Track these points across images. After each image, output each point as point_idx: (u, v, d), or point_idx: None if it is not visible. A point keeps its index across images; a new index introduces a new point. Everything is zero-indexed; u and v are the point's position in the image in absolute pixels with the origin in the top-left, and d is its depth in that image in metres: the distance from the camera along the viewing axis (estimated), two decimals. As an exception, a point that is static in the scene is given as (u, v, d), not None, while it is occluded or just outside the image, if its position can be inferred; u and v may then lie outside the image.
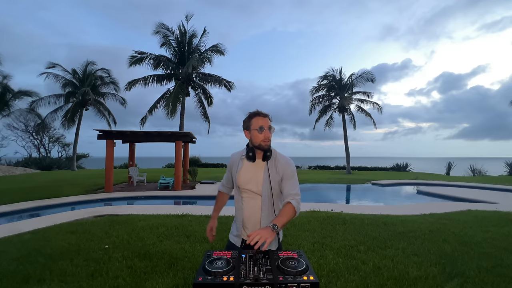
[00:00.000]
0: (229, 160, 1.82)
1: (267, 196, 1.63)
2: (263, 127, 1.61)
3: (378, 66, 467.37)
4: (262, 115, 1.65)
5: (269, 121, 1.66)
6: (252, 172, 1.67)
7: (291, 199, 1.57)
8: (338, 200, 10.68)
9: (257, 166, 1.67)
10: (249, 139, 1.69)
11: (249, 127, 1.67)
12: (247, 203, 1.69)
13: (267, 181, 1.62)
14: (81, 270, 3.12)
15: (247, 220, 1.69)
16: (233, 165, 1.76)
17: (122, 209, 7.11)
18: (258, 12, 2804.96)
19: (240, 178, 1.68)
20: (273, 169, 1.65)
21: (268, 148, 1.63)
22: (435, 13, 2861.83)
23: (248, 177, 1.66)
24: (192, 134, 12.69)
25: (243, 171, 1.69)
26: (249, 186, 1.66)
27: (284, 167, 1.65)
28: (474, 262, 3.31)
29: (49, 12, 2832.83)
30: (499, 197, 9.17)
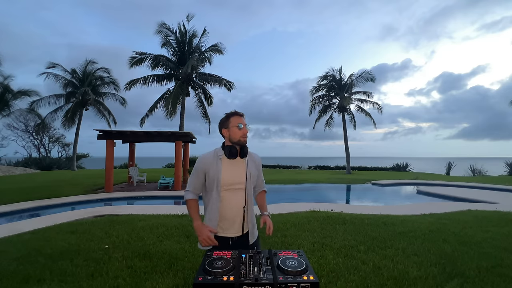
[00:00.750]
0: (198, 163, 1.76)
1: (250, 189, 1.79)
2: (241, 124, 1.75)
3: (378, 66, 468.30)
4: (239, 114, 1.79)
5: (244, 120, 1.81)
6: (235, 169, 1.76)
7: (264, 188, 1.99)
8: (338, 200, 10.68)
9: (237, 163, 1.78)
10: (227, 136, 1.79)
11: (227, 125, 1.78)
12: (229, 200, 1.73)
13: (251, 176, 1.78)
14: (81, 270, 3.12)
15: (229, 214, 1.73)
16: (209, 167, 1.72)
17: (122, 209, 7.11)
18: (258, 13, 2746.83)
19: (225, 177, 1.71)
20: (252, 164, 1.83)
21: (245, 144, 1.78)
22: (434, 13, 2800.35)
23: (232, 174, 1.73)
24: (192, 134, 12.69)
25: (226, 169, 1.73)
26: (234, 183, 1.73)
27: (259, 161, 1.91)
28: (474, 262, 3.31)
29: (49, 12, 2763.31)
30: (499, 197, 9.16)
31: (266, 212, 1.84)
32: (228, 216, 1.72)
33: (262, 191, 1.98)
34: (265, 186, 2.00)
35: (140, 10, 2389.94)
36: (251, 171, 1.78)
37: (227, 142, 1.79)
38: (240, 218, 1.74)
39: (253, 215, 1.85)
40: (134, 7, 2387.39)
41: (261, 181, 1.96)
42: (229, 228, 1.74)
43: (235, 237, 1.74)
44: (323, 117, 22.89)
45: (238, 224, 1.74)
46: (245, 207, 1.75)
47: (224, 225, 1.74)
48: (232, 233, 1.74)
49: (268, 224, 1.74)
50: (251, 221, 1.79)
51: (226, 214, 1.72)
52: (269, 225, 1.74)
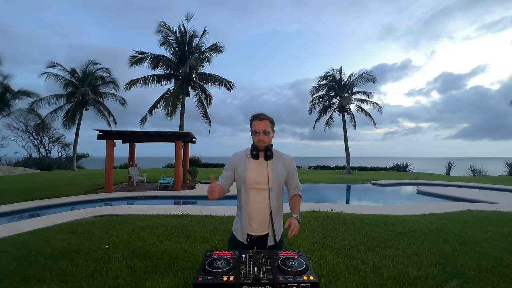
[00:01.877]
0: (231, 159, 1.88)
1: (275, 191, 1.78)
2: (257, 131, 1.76)
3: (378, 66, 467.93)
4: (259, 119, 1.79)
5: (269, 123, 1.79)
6: (260, 169, 1.79)
7: (298, 191, 1.93)
8: (338, 200, 10.68)
9: (262, 164, 1.80)
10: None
11: (250, 127, 1.84)
12: (254, 199, 1.77)
13: (275, 177, 1.77)
14: (81, 270, 3.12)
15: (255, 215, 1.77)
16: (238, 163, 1.83)
17: (122, 209, 7.11)
18: (258, 13, 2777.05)
19: (250, 175, 1.77)
20: (280, 165, 1.82)
21: (264, 149, 1.78)
22: (434, 13, 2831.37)
23: (256, 174, 1.77)
24: (192, 134, 12.69)
25: (251, 168, 1.79)
26: (257, 182, 1.76)
27: (290, 164, 1.87)
28: (474, 262, 3.31)
29: (49, 12, 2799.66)
30: (499, 197, 9.16)
31: (295, 214, 1.78)
32: (252, 214, 1.77)
33: (296, 194, 1.92)
34: (300, 190, 1.94)
35: (140, 10, 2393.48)
36: (277, 172, 1.78)
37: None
38: (262, 218, 1.77)
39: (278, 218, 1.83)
40: (134, 7, 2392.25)
41: (295, 184, 1.92)
42: (251, 226, 1.78)
43: (255, 236, 1.77)
44: (323, 117, 22.92)
45: (259, 224, 1.77)
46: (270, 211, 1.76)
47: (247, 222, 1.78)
48: (253, 232, 1.78)
49: (293, 226, 1.68)
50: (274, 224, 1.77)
51: (251, 212, 1.78)
52: (293, 227, 1.68)
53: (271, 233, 1.77)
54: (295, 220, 1.72)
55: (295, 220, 1.72)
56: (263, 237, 1.78)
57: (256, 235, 1.78)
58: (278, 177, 1.78)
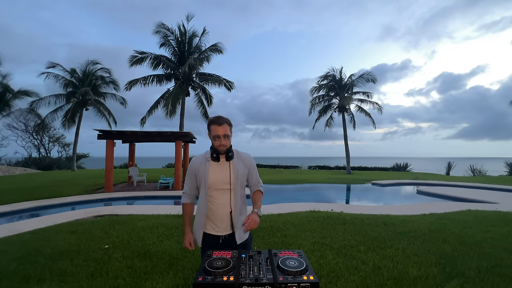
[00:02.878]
0: (190, 165, 1.90)
1: (238, 190, 1.82)
2: (218, 136, 1.78)
3: (377, 66, 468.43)
4: (217, 124, 1.80)
5: (227, 126, 1.81)
6: (221, 170, 1.81)
7: (259, 187, 1.97)
8: (338, 200, 10.68)
9: (223, 165, 1.83)
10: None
11: (209, 131, 1.86)
12: (218, 199, 1.80)
13: (237, 177, 1.80)
14: (81, 270, 3.12)
15: (218, 214, 1.81)
16: (198, 168, 1.84)
17: (122, 209, 7.11)
18: (258, 13, 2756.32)
19: (211, 178, 1.79)
20: (240, 164, 1.86)
21: (226, 151, 1.80)
22: (433, 13, 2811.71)
23: (218, 175, 1.80)
24: (192, 134, 12.69)
25: (212, 171, 1.81)
26: (220, 184, 1.79)
27: (249, 162, 1.91)
28: (474, 262, 3.31)
29: (49, 12, 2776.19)
30: (499, 197, 9.16)
31: (255, 209, 1.83)
32: (216, 216, 1.81)
33: (257, 190, 1.97)
34: (261, 186, 1.99)
35: (141, 11, 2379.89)
36: (239, 171, 1.82)
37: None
38: (228, 218, 1.80)
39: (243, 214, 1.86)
40: (134, 7, 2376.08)
41: (256, 180, 1.97)
42: (218, 227, 1.81)
43: (225, 235, 1.81)
44: (323, 117, 22.91)
45: (226, 223, 1.81)
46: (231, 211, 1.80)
47: (213, 224, 1.82)
48: (221, 232, 1.82)
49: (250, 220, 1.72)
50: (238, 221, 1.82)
51: (214, 214, 1.81)
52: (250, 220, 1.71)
53: (239, 231, 1.81)
54: (253, 214, 1.76)
55: (254, 214, 1.76)
56: (230, 236, 1.81)
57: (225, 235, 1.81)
58: (240, 176, 1.82)
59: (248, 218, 1.73)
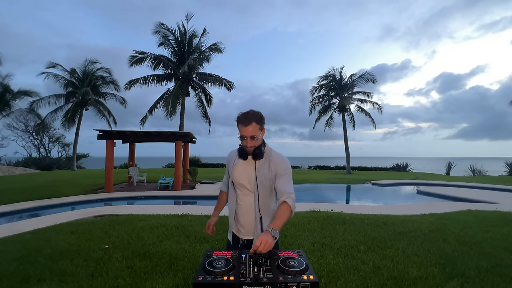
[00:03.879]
0: (227, 158, 1.87)
1: (259, 194, 1.65)
2: (244, 137, 1.62)
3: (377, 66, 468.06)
4: (244, 124, 1.60)
5: (256, 125, 1.60)
6: (245, 169, 1.70)
7: (286, 198, 1.54)
8: (338, 200, 10.68)
9: (250, 164, 1.70)
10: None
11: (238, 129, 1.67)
12: (241, 200, 1.73)
13: (260, 179, 1.64)
14: (81, 270, 3.11)
15: (241, 215, 1.72)
16: (230, 162, 1.81)
17: (122, 209, 7.11)
18: (258, 13, 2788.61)
19: (235, 174, 1.72)
20: (266, 167, 1.66)
21: (253, 150, 1.64)
22: (433, 13, 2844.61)
23: (241, 173, 1.71)
24: (192, 134, 12.69)
25: (237, 167, 1.73)
26: (242, 181, 1.69)
27: (276, 165, 1.66)
28: (474, 262, 3.31)
29: (49, 12, 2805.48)
30: (499, 197, 9.16)
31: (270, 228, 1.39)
32: (240, 218, 1.73)
33: (283, 202, 1.54)
34: (290, 198, 1.54)
35: (141, 11, 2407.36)
36: (262, 174, 1.64)
37: None
38: (249, 224, 1.70)
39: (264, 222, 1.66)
40: (134, 7, 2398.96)
41: (283, 189, 1.59)
42: (240, 230, 1.74)
43: (245, 239, 1.72)
44: (323, 117, 22.93)
45: (247, 228, 1.71)
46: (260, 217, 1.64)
47: (238, 224, 1.75)
48: (242, 235, 1.73)
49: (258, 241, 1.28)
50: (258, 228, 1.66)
51: (239, 215, 1.73)
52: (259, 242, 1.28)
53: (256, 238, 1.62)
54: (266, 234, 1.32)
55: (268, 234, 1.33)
56: (249, 242, 1.68)
57: (246, 239, 1.71)
58: (262, 179, 1.63)
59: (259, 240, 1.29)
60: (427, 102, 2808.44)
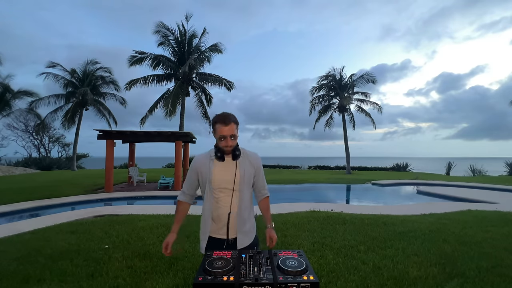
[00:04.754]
0: (193, 164, 1.78)
1: (243, 191, 1.72)
2: (224, 137, 1.64)
3: (377, 66, 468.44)
4: (223, 123, 1.64)
5: (234, 125, 1.66)
6: (226, 170, 1.71)
7: (267, 193, 1.88)
8: (338, 200, 10.68)
9: (229, 164, 1.72)
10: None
11: (214, 130, 1.70)
12: (222, 202, 1.71)
13: (243, 177, 1.70)
14: (81, 270, 3.12)
15: (224, 217, 1.71)
16: (201, 167, 1.74)
17: (122, 209, 7.11)
18: (258, 13, 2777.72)
19: (216, 177, 1.69)
20: (247, 164, 1.75)
21: (232, 150, 1.68)
22: (432, 14, 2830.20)
23: (223, 175, 1.69)
24: (192, 134, 12.69)
25: (217, 170, 1.70)
26: (224, 184, 1.69)
27: (256, 161, 1.79)
28: (474, 262, 3.31)
29: (49, 12, 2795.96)
30: (499, 197, 9.16)
31: (270, 225, 1.79)
32: (220, 218, 1.71)
33: (265, 197, 1.87)
34: (267, 191, 1.89)
35: (141, 11, 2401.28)
36: (245, 171, 1.72)
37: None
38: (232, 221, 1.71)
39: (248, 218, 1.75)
40: (134, 8, 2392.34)
41: (262, 184, 1.85)
42: (221, 229, 1.71)
43: (231, 239, 1.72)
44: (323, 117, 22.91)
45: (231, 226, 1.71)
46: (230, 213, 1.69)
47: (217, 226, 1.72)
48: (224, 235, 1.72)
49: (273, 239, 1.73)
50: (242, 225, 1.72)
51: (218, 216, 1.71)
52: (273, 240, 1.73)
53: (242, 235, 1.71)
54: (272, 232, 1.75)
55: (272, 231, 1.76)
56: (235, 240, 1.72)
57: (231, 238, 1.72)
58: (247, 176, 1.72)
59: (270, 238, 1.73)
60: (427, 102, 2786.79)
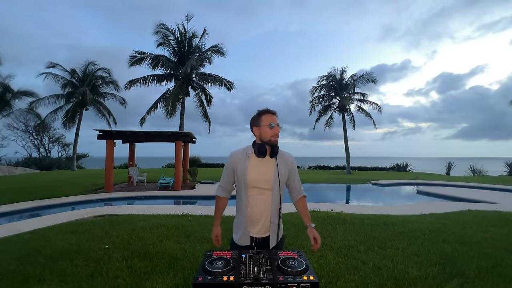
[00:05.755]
0: (230, 159, 1.77)
1: (277, 191, 1.70)
2: (273, 124, 1.68)
3: (377, 66, 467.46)
4: (271, 112, 1.72)
5: (277, 118, 1.74)
6: (263, 168, 1.70)
7: (303, 193, 1.88)
8: (338, 200, 10.68)
9: (266, 162, 1.72)
10: (258, 135, 1.74)
11: (259, 124, 1.73)
12: (256, 200, 1.70)
13: (281, 177, 1.70)
14: (81, 270, 3.11)
15: (259, 216, 1.70)
16: (238, 163, 1.72)
17: (122, 209, 7.11)
18: (258, 14, 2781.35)
19: (251, 175, 1.68)
20: (282, 164, 1.74)
21: (276, 144, 1.71)
22: (432, 14, 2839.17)
23: (259, 174, 1.68)
24: (192, 134, 12.69)
25: (253, 168, 1.69)
26: (260, 182, 1.68)
27: (292, 162, 1.80)
28: (474, 262, 3.31)
29: (49, 13, 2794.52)
30: (499, 197, 9.16)
31: (310, 224, 1.74)
32: (254, 216, 1.70)
33: (302, 197, 1.87)
34: (303, 190, 1.89)
35: (141, 11, 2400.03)
36: (281, 170, 1.71)
37: (257, 140, 1.75)
38: (264, 221, 1.70)
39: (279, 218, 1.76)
40: (134, 8, 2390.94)
41: (297, 184, 1.85)
42: (253, 228, 1.71)
43: (259, 238, 1.72)
44: (323, 117, 22.92)
45: (261, 226, 1.71)
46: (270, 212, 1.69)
47: (250, 224, 1.72)
48: (256, 234, 1.72)
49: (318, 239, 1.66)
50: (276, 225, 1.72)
51: (252, 214, 1.70)
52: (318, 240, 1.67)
53: (274, 234, 1.72)
54: (315, 232, 1.69)
55: (314, 230, 1.70)
56: (266, 239, 1.73)
57: (260, 237, 1.72)
58: (282, 176, 1.71)
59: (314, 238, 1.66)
60: (426, 102, 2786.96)
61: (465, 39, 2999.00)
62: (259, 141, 1.74)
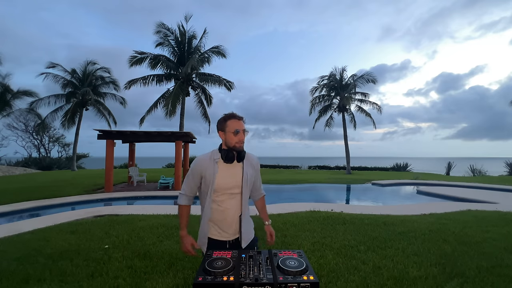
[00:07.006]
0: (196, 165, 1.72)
1: (246, 194, 1.74)
2: (238, 130, 1.67)
3: (377, 66, 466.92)
4: (237, 118, 1.70)
5: (243, 123, 1.73)
6: (232, 173, 1.71)
7: (263, 193, 1.97)
8: (338, 200, 10.68)
9: (234, 167, 1.72)
10: (223, 140, 1.74)
11: (224, 128, 1.71)
12: (225, 205, 1.70)
13: (247, 180, 1.72)
14: (81, 270, 3.12)
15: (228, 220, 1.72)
16: (206, 169, 1.68)
17: (122, 209, 7.11)
18: (258, 14, 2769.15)
19: (220, 180, 1.67)
20: (249, 167, 1.78)
21: (242, 149, 1.71)
22: (432, 14, 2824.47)
23: (228, 179, 1.69)
24: (192, 134, 12.69)
25: (221, 173, 1.68)
26: (230, 187, 1.69)
27: (257, 164, 1.85)
28: (474, 262, 3.31)
29: (49, 12, 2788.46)
30: (499, 197, 9.16)
31: (268, 222, 1.93)
32: (223, 221, 1.71)
33: (262, 196, 1.98)
34: (263, 190, 1.98)
35: (141, 12, 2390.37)
36: (248, 174, 1.74)
37: (223, 144, 1.74)
38: (236, 224, 1.73)
39: (249, 219, 1.83)
40: (134, 8, 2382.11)
41: (259, 184, 1.92)
42: (225, 232, 1.73)
43: (231, 240, 1.75)
44: (323, 117, 22.92)
45: (234, 229, 1.73)
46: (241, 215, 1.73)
47: (219, 229, 1.73)
48: (227, 237, 1.74)
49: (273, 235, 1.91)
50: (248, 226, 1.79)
51: (221, 219, 1.71)
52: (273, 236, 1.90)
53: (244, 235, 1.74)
54: (270, 228, 1.90)
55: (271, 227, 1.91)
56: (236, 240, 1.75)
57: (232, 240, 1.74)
58: (249, 179, 1.74)
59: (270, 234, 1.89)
60: (426, 102, 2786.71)
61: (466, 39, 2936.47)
62: (224, 145, 1.73)
